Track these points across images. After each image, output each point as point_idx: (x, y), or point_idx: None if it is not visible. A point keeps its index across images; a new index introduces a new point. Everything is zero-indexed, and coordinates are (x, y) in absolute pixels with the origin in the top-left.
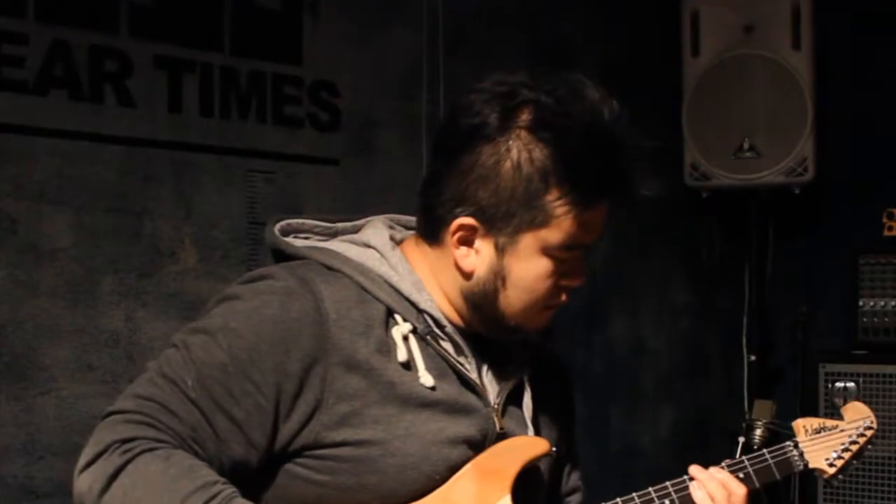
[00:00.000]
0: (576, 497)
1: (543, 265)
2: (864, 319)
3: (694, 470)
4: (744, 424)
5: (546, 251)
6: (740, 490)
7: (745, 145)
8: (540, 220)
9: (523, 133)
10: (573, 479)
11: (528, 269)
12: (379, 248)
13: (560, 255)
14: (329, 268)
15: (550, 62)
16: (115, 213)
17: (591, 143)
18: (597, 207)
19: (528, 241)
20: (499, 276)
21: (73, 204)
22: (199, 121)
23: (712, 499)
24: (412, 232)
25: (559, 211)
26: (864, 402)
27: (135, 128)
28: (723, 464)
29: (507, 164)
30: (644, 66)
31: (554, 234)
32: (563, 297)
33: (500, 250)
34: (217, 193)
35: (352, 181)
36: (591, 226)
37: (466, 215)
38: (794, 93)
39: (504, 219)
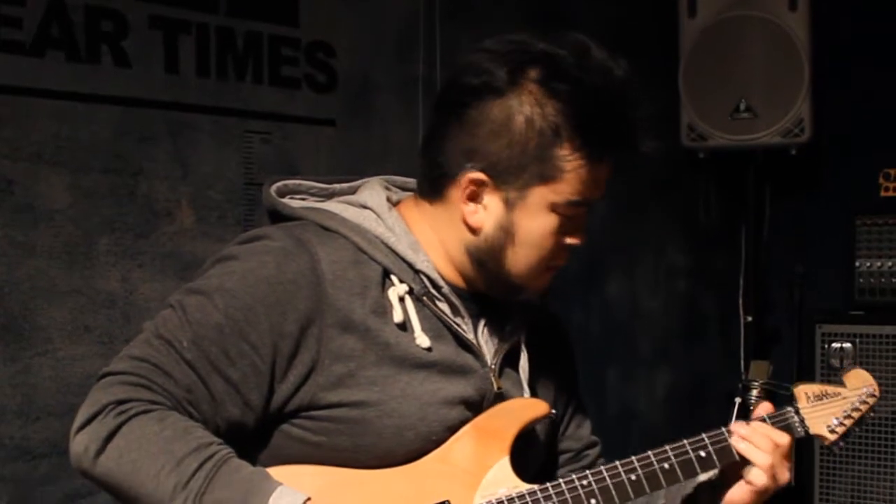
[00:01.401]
0: (595, 450)
1: (550, 221)
2: (861, 280)
3: (735, 426)
4: (740, 385)
5: (554, 207)
6: (783, 440)
7: (742, 106)
8: (550, 174)
9: (534, 88)
10: (585, 434)
11: (535, 225)
12: (375, 209)
13: (566, 212)
14: (326, 228)
15: (547, 23)
16: (112, 173)
17: (603, 99)
18: (605, 163)
19: (537, 197)
20: (506, 232)
21: (70, 165)
22: (195, 81)
23: (758, 448)
24: (409, 193)
25: (570, 165)
26: (861, 363)
27: (131, 88)
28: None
29: (519, 118)
30: (641, 27)
31: (563, 189)
32: (564, 257)
33: (509, 205)
34: (213, 154)
35: (348, 142)
36: (597, 182)
37: (477, 170)
38: (791, 54)
39: (515, 173)
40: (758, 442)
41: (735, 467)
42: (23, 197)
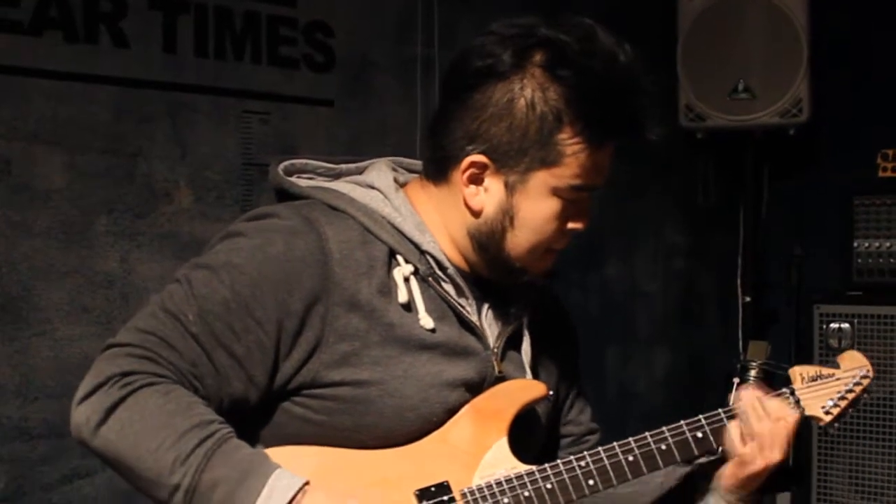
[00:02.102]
0: (594, 437)
1: (552, 206)
2: (859, 261)
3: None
4: (738, 365)
5: (555, 191)
6: (793, 415)
7: (741, 86)
8: (551, 158)
9: (538, 72)
10: (586, 420)
11: (536, 209)
12: (383, 190)
13: (568, 197)
14: (333, 208)
15: (546, 3)
16: (110, 153)
17: (606, 85)
18: (606, 148)
19: (539, 181)
20: (507, 215)
21: (68, 145)
22: (193, 61)
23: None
24: (415, 175)
25: (571, 150)
26: (859, 344)
27: (129, 69)
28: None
29: (521, 102)
30: (639, 8)
31: (564, 174)
32: (565, 241)
33: (510, 189)
34: (212, 134)
35: (346, 122)
36: (599, 167)
37: (478, 153)
38: (790, 34)
39: (516, 157)
40: (765, 407)
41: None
42: (20, 177)
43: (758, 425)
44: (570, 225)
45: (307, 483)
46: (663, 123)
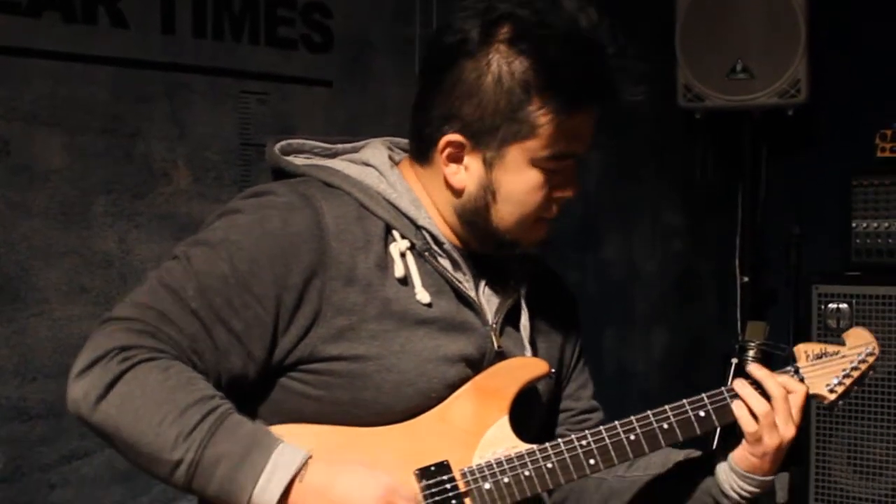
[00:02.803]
0: (597, 415)
1: (533, 177)
2: (857, 241)
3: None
4: (737, 346)
5: (534, 163)
6: (800, 388)
7: (739, 66)
8: (524, 131)
9: (503, 47)
10: (587, 396)
11: (517, 182)
12: (378, 167)
13: (549, 166)
14: (329, 185)
15: None
16: (108, 134)
17: (568, 51)
18: (580, 115)
19: (515, 154)
20: (489, 191)
21: (66, 125)
22: (192, 42)
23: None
24: (408, 155)
25: (542, 121)
26: (857, 324)
27: (128, 49)
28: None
29: (489, 78)
30: None
31: (539, 145)
32: (555, 210)
33: (488, 165)
34: (210, 115)
35: (344, 103)
36: (576, 134)
37: (453, 132)
38: (788, 14)
39: (489, 133)
40: (770, 387)
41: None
42: (19, 157)
43: (764, 404)
44: (557, 193)
45: (310, 456)
46: (648, 93)
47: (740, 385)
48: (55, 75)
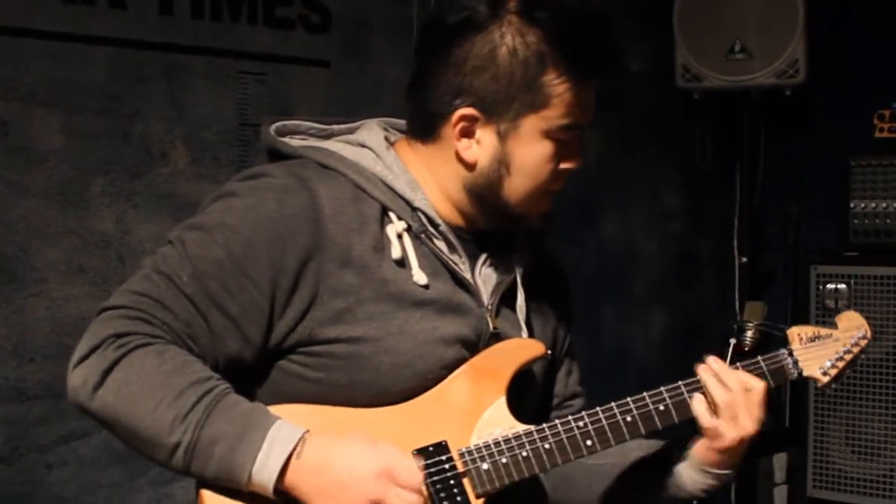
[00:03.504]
0: (578, 401)
1: (545, 148)
2: (856, 221)
3: (703, 368)
4: (735, 326)
5: (547, 134)
6: (755, 384)
7: (737, 47)
8: (540, 102)
9: (514, 18)
10: (572, 383)
11: (530, 154)
12: (374, 148)
13: (560, 137)
14: (325, 166)
15: None
16: (106, 114)
17: (583, 21)
18: (590, 85)
19: (530, 125)
20: (502, 164)
21: (64, 105)
22: (189, 23)
23: (722, 384)
24: (404, 135)
25: (558, 90)
26: (855, 304)
27: (126, 29)
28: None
29: (503, 50)
30: None
31: (554, 115)
32: (560, 182)
33: (502, 137)
34: (208, 95)
35: (342, 83)
36: (587, 104)
37: (466, 106)
38: None
39: (504, 105)
40: (726, 378)
41: None
42: (17, 138)
43: (723, 396)
44: (564, 165)
45: (307, 432)
46: (656, 77)
47: (704, 373)
48: (53, 55)
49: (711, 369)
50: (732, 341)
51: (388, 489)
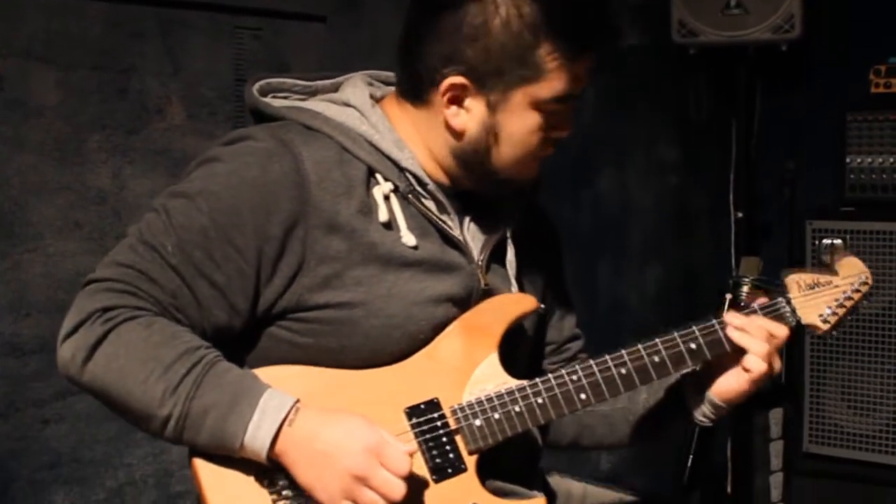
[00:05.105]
0: (577, 343)
1: (534, 119)
2: (852, 176)
3: (730, 316)
4: (730, 281)
5: (537, 105)
6: (780, 331)
7: (733, 2)
8: (531, 75)
9: None
10: (567, 327)
11: (519, 125)
12: (359, 107)
13: (550, 109)
14: (309, 128)
15: None
16: (102, 69)
17: None
18: (584, 59)
19: (520, 97)
20: (490, 134)
21: (61, 61)
22: None
23: (755, 337)
24: (392, 88)
25: (550, 65)
26: None
27: None
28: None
29: (496, 21)
30: None
31: (545, 88)
32: (550, 149)
33: (492, 108)
34: (204, 50)
35: (339, 38)
36: (579, 76)
37: (456, 74)
38: None
39: (495, 76)
40: (754, 332)
41: (724, 357)
42: (13, 93)
43: (758, 346)
44: (554, 133)
45: (298, 401)
46: (650, 34)
47: (734, 317)
48: (49, 10)
49: (738, 327)
50: (728, 296)
51: (374, 468)
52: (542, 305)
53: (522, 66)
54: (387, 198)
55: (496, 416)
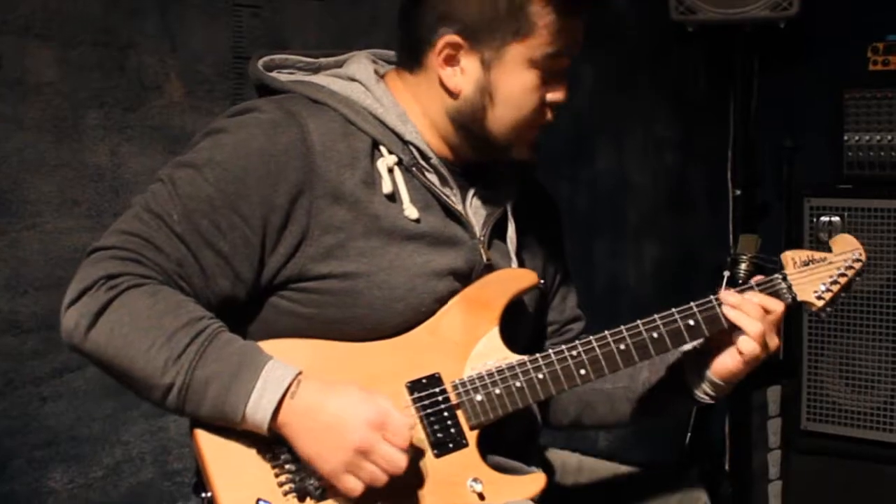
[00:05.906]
0: (577, 325)
1: (530, 77)
2: (849, 154)
3: (725, 294)
4: (729, 259)
5: (532, 62)
6: (776, 307)
7: None
8: (525, 30)
9: None
10: (569, 307)
11: (514, 83)
12: (363, 81)
13: (545, 66)
14: (314, 101)
15: None
16: (101, 46)
17: None
18: (576, 15)
19: (514, 54)
20: (486, 93)
21: (59, 38)
22: None
23: (749, 315)
24: (394, 66)
25: (543, 20)
26: None
27: None
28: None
29: None
30: None
31: (539, 43)
32: (549, 116)
33: (486, 66)
34: (203, 27)
35: (337, 16)
36: (572, 34)
37: (451, 33)
38: None
39: (489, 32)
40: (748, 310)
41: (723, 335)
42: (11, 70)
43: (751, 325)
44: (549, 96)
45: (300, 373)
46: (651, 11)
47: (729, 295)
48: None
49: (733, 305)
50: (726, 274)
51: (377, 441)
52: (542, 281)
53: (515, 21)
54: (390, 170)
55: (497, 391)
